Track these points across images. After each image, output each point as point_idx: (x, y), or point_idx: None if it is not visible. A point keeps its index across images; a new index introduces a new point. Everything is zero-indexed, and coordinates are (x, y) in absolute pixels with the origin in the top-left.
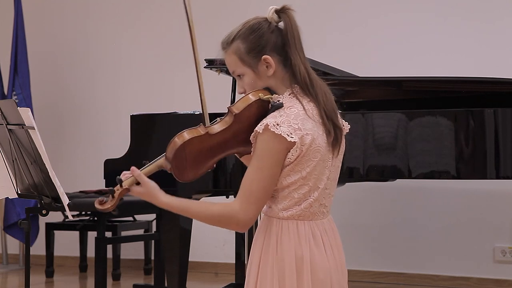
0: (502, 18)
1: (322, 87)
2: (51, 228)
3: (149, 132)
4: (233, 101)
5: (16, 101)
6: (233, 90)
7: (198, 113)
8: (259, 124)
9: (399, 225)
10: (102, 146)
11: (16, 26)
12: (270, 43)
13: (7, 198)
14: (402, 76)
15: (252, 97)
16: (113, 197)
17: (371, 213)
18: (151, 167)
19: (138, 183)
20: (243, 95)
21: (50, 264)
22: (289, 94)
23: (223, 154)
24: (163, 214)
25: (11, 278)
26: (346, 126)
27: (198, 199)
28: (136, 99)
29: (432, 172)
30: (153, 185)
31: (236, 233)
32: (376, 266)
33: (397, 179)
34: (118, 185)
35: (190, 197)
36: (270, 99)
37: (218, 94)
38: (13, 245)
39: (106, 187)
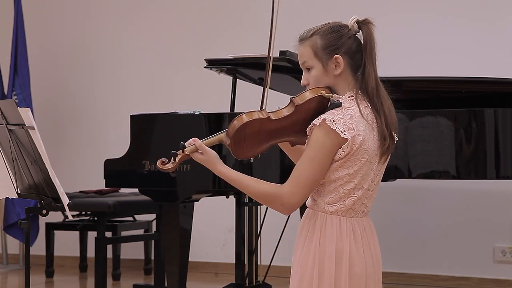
0: (502, 18)
1: (388, 101)
2: (51, 228)
3: (149, 132)
4: (233, 101)
5: (16, 101)
6: (233, 90)
7: (198, 113)
8: (317, 118)
9: (399, 225)
10: (102, 146)
11: (16, 26)
12: (345, 46)
13: (7, 198)
14: (402, 76)
15: (314, 93)
16: (174, 160)
17: (371, 213)
18: (212, 139)
19: (200, 151)
20: (306, 89)
21: (50, 264)
22: (349, 97)
23: (278, 140)
24: (163, 214)
25: (11, 278)
26: (395, 138)
27: (198, 199)
28: (136, 99)
29: (432, 172)
30: (213, 154)
31: (236, 233)
32: None
33: (397, 179)
34: (181, 150)
35: (189, 197)
36: (330, 97)
37: (218, 94)
38: (13, 245)
39: (106, 187)
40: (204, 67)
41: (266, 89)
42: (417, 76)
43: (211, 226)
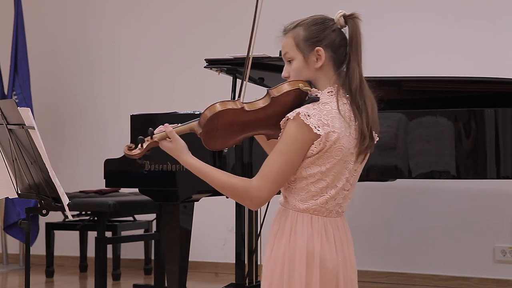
0: (502, 17)
1: (371, 98)
2: (51, 228)
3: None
4: None
5: (16, 101)
6: (233, 90)
7: (198, 113)
8: (291, 112)
9: (399, 225)
10: (102, 146)
11: (16, 26)
12: (328, 39)
13: (7, 198)
14: (402, 76)
15: (292, 86)
16: (141, 146)
17: (371, 213)
18: (183, 127)
19: (169, 139)
20: (285, 81)
21: (50, 264)
22: (328, 92)
23: (252, 132)
24: (163, 214)
25: (11, 278)
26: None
27: (198, 199)
28: (136, 99)
29: (432, 172)
30: (182, 143)
31: (236, 233)
32: (376, 266)
33: (397, 179)
34: (149, 137)
35: (189, 197)
36: (308, 91)
37: (218, 94)
38: (13, 245)
39: (106, 187)
40: (204, 67)
41: (244, 82)
42: (417, 76)
43: (211, 226)
